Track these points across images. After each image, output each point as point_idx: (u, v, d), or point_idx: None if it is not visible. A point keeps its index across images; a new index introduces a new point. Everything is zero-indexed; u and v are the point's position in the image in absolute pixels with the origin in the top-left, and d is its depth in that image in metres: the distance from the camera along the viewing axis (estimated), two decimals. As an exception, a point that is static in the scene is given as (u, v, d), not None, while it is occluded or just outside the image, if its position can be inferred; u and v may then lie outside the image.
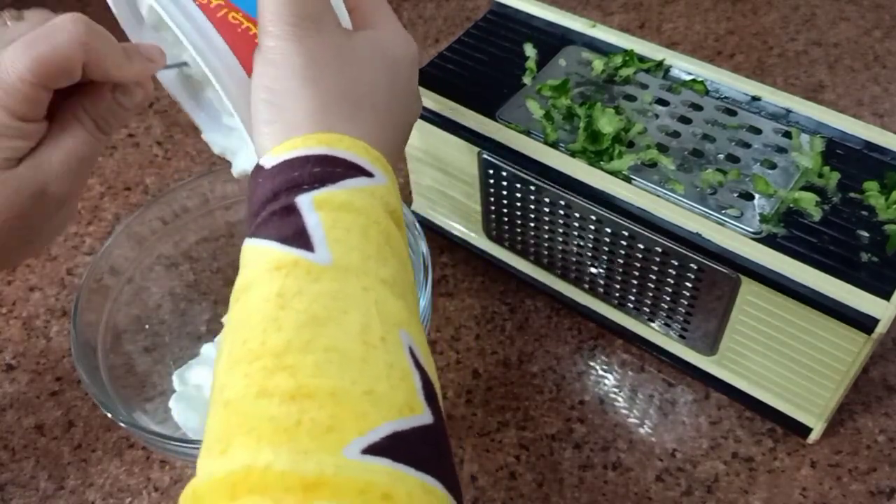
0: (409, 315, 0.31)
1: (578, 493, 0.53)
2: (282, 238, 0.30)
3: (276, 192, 0.32)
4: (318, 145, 0.32)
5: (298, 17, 0.34)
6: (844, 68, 0.80)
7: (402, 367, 0.29)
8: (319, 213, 0.31)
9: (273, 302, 0.29)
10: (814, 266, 0.45)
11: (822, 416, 0.52)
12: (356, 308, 0.29)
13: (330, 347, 0.28)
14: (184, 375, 0.56)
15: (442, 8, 0.91)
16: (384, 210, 0.33)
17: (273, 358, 0.27)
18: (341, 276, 0.30)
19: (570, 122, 0.54)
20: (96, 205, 0.74)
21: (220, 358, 0.30)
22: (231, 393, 0.28)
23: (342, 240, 0.30)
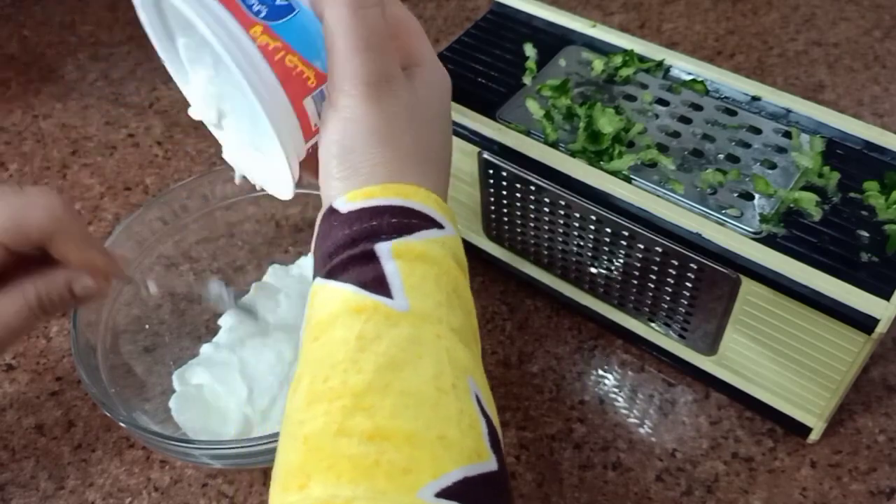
0: (475, 363, 0.33)
1: (578, 493, 0.53)
2: (361, 283, 0.32)
3: (354, 238, 0.33)
4: (395, 196, 0.34)
5: (374, 78, 0.34)
6: (844, 68, 0.80)
7: (471, 413, 0.30)
8: (398, 262, 0.32)
9: (353, 344, 0.30)
10: (814, 266, 0.45)
11: (822, 416, 0.52)
12: (430, 354, 0.30)
13: (406, 391, 0.29)
14: (184, 375, 0.56)
15: (442, 8, 0.91)
16: (453, 260, 0.34)
17: (353, 398, 0.29)
18: (417, 322, 0.31)
19: (570, 122, 0.54)
20: (96, 205, 0.74)
21: (296, 393, 0.31)
22: (310, 429, 0.29)
23: (418, 287, 0.32)
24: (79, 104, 0.84)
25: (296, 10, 0.35)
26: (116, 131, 0.81)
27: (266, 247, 0.65)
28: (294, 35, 0.35)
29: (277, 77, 0.34)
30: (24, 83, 0.87)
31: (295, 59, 0.34)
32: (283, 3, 0.35)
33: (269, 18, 0.34)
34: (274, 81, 0.34)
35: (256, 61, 0.33)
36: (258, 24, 0.34)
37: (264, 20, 0.34)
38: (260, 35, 0.34)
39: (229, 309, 0.56)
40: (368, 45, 0.34)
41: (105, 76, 0.86)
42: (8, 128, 0.82)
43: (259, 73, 0.33)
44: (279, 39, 0.34)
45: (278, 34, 0.34)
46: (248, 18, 0.34)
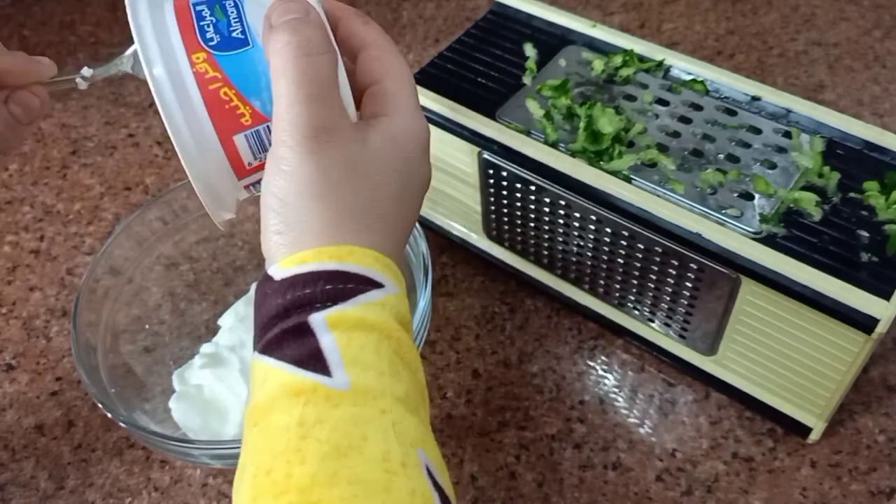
0: (424, 430, 0.32)
1: (578, 493, 0.53)
2: (297, 361, 0.30)
3: (287, 308, 0.31)
4: (329, 260, 0.32)
5: (314, 130, 0.33)
6: (844, 68, 0.80)
7: (424, 491, 0.29)
8: (334, 334, 0.30)
9: (294, 431, 0.29)
10: (814, 266, 0.45)
11: (822, 416, 0.52)
12: (375, 433, 0.29)
13: (354, 480, 0.28)
14: (184, 375, 0.56)
15: (442, 8, 0.91)
16: (395, 320, 0.33)
17: (299, 493, 0.27)
18: (360, 399, 0.30)
19: (570, 122, 0.54)
20: (96, 205, 0.74)
21: (242, 483, 0.29)
22: None
23: (357, 360, 0.30)
24: (79, 104, 0.84)
25: (249, 46, 0.34)
26: (116, 131, 0.81)
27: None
28: (237, 69, 0.34)
29: (206, 106, 0.33)
30: (24, 83, 0.86)
31: (231, 93, 0.34)
32: (238, 37, 0.34)
33: (216, 49, 0.34)
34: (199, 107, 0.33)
35: (187, 85, 0.33)
36: (203, 50, 0.33)
37: (211, 49, 0.34)
38: (200, 62, 0.33)
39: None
40: (310, 95, 0.33)
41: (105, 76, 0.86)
42: (8, 128, 0.82)
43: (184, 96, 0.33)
44: (219, 70, 0.34)
45: (220, 65, 0.34)
46: (196, 43, 0.34)
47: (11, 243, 0.72)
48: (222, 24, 0.34)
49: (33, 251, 0.71)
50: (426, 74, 0.59)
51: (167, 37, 0.33)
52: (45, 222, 0.73)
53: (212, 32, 0.34)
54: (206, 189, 0.36)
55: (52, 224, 0.73)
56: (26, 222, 0.73)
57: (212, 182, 0.36)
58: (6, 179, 0.77)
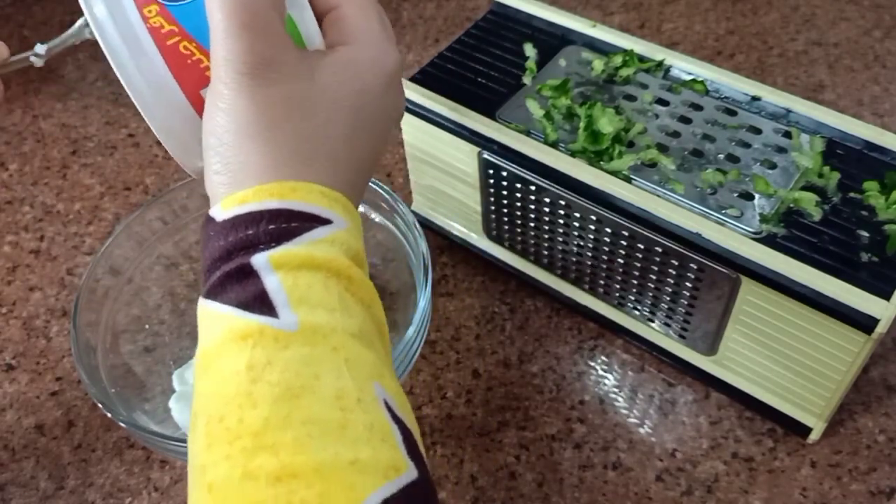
0: (381, 364, 0.30)
1: (578, 493, 0.53)
2: (242, 304, 0.29)
3: (229, 250, 0.30)
4: (270, 198, 0.31)
5: (250, 66, 0.31)
6: (844, 68, 0.80)
7: (382, 425, 0.28)
8: (278, 274, 0.29)
9: (244, 375, 0.28)
10: (814, 266, 0.45)
11: (822, 416, 0.52)
12: (328, 371, 0.28)
13: (308, 419, 0.27)
14: (184, 375, 0.56)
15: (442, 8, 0.91)
16: (346, 256, 0.31)
17: (252, 437, 0.27)
18: (309, 338, 0.29)
19: (570, 122, 0.54)
20: (96, 205, 0.74)
21: (195, 432, 0.29)
22: (213, 476, 0.27)
23: (305, 299, 0.29)
24: (79, 104, 0.84)
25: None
26: (116, 131, 0.81)
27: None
28: (193, 20, 0.32)
29: (168, 63, 0.31)
30: (24, 83, 0.87)
31: (192, 46, 0.32)
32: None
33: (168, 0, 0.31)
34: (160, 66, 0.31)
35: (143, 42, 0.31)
36: (155, 2, 0.31)
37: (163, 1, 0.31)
38: (154, 16, 0.31)
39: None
40: (244, 25, 0.31)
41: (105, 76, 0.86)
42: (8, 128, 0.82)
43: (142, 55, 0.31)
44: (175, 23, 0.31)
45: (175, 17, 0.31)
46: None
47: (11, 243, 0.72)
48: None
49: (33, 251, 0.71)
50: (426, 74, 0.59)
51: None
52: (45, 222, 0.73)
53: None
54: (177, 144, 0.34)
55: (52, 224, 0.73)
56: (26, 222, 0.73)
57: (183, 137, 0.34)
58: (6, 179, 0.77)
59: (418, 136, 0.59)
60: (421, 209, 0.67)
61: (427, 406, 0.58)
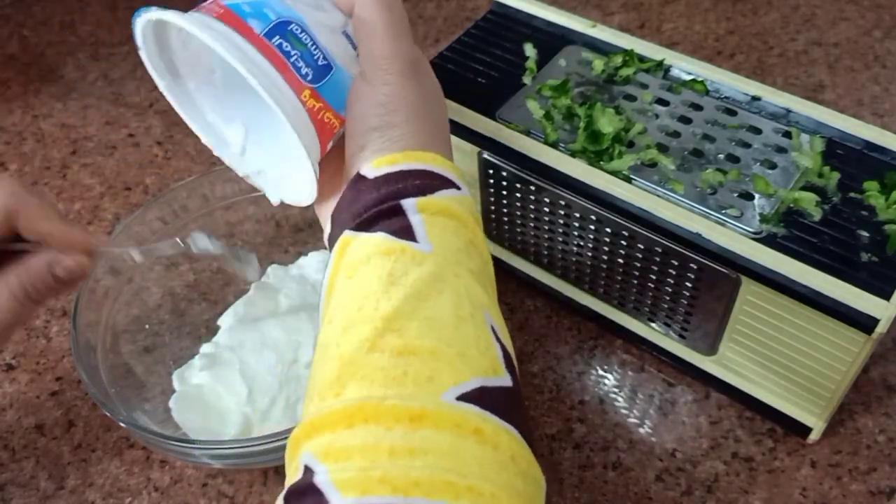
0: (491, 301, 0.36)
1: (578, 492, 0.53)
2: (391, 231, 0.35)
3: (382, 199, 0.36)
4: (416, 161, 0.37)
5: (411, 62, 0.39)
6: (844, 68, 0.80)
7: (487, 339, 0.34)
8: (422, 215, 0.36)
9: (385, 279, 0.34)
10: (814, 266, 0.45)
11: (822, 416, 0.52)
12: (450, 288, 0.34)
13: (430, 317, 0.33)
14: (184, 375, 0.56)
15: (442, 8, 0.91)
16: (471, 215, 0.38)
17: (384, 321, 0.32)
18: (439, 262, 0.35)
19: (570, 122, 0.54)
20: (96, 205, 0.74)
21: (332, 323, 0.34)
22: (346, 348, 0.32)
23: (440, 235, 0.36)
24: (79, 104, 0.84)
25: (333, 69, 0.39)
26: (116, 131, 0.81)
27: (266, 247, 0.65)
28: (331, 93, 0.39)
29: (315, 128, 0.38)
30: (24, 83, 0.87)
31: (330, 114, 0.39)
32: (323, 63, 0.38)
33: (314, 81, 0.38)
34: (314, 137, 0.38)
35: (306, 123, 0.37)
36: (307, 88, 0.37)
37: (310, 83, 0.38)
38: (309, 98, 0.37)
39: (219, 254, 0.54)
40: (399, 33, 0.39)
41: (105, 76, 0.86)
42: (8, 128, 0.82)
43: (307, 132, 0.38)
44: (322, 100, 0.38)
45: (322, 96, 0.38)
46: (299, 83, 0.37)
47: (11, 243, 0.72)
48: (307, 56, 0.38)
49: (33, 251, 0.71)
50: (426, 74, 0.59)
51: (281, 90, 0.37)
52: (45, 222, 0.73)
53: (304, 66, 0.38)
54: (316, 176, 0.40)
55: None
56: (26, 222, 0.73)
57: (316, 172, 0.40)
58: (6, 179, 0.77)
59: (418, 136, 0.59)
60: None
61: (427, 406, 0.58)
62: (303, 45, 0.38)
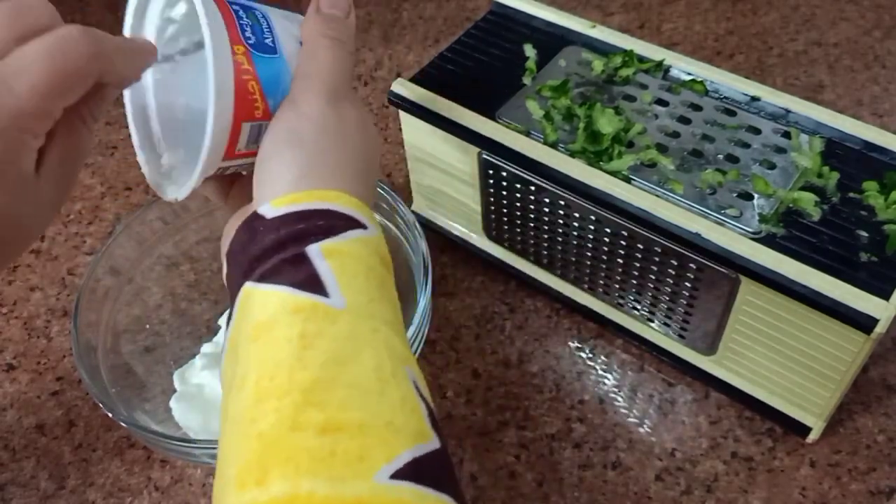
0: (409, 353, 0.35)
1: (578, 492, 0.53)
2: (296, 284, 0.33)
3: (282, 241, 0.34)
4: (319, 200, 0.36)
5: (343, 89, 0.40)
6: (844, 68, 0.80)
7: (411, 399, 0.32)
8: (329, 261, 0.34)
9: (296, 343, 0.31)
10: (813, 266, 0.45)
11: (822, 416, 0.52)
12: (369, 347, 0.32)
13: (351, 384, 0.31)
14: (184, 375, 0.57)
15: (442, 8, 0.92)
16: (378, 258, 0.36)
17: (302, 394, 0.30)
18: (354, 318, 0.33)
19: (570, 123, 0.54)
20: (97, 205, 0.74)
21: (242, 391, 0.31)
22: (264, 425, 0.30)
23: (351, 285, 0.34)
24: (79, 104, 0.84)
25: (276, 55, 0.39)
26: (117, 131, 0.81)
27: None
28: (265, 70, 0.38)
29: (235, 87, 0.37)
30: (24, 83, 0.86)
31: (256, 86, 0.38)
32: (270, 45, 0.39)
33: (253, 48, 0.38)
34: (230, 90, 0.37)
35: (227, 66, 0.37)
36: (243, 45, 0.38)
37: (250, 46, 0.38)
38: (240, 54, 0.37)
39: None
40: (346, 57, 0.40)
41: (105, 76, 0.86)
42: (8, 128, 0.82)
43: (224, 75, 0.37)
44: (252, 66, 0.38)
45: (254, 62, 0.38)
46: (238, 37, 0.38)
47: (12, 243, 0.72)
48: (257, 29, 0.39)
49: (34, 251, 0.71)
50: (426, 74, 0.59)
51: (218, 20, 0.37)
52: (45, 222, 0.73)
53: (249, 32, 0.38)
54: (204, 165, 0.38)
55: (52, 224, 0.73)
56: (27, 222, 0.73)
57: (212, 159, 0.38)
58: (7, 179, 0.77)
59: (418, 136, 0.60)
60: (421, 209, 0.67)
61: (427, 406, 0.58)
62: (257, 21, 0.39)
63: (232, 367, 0.33)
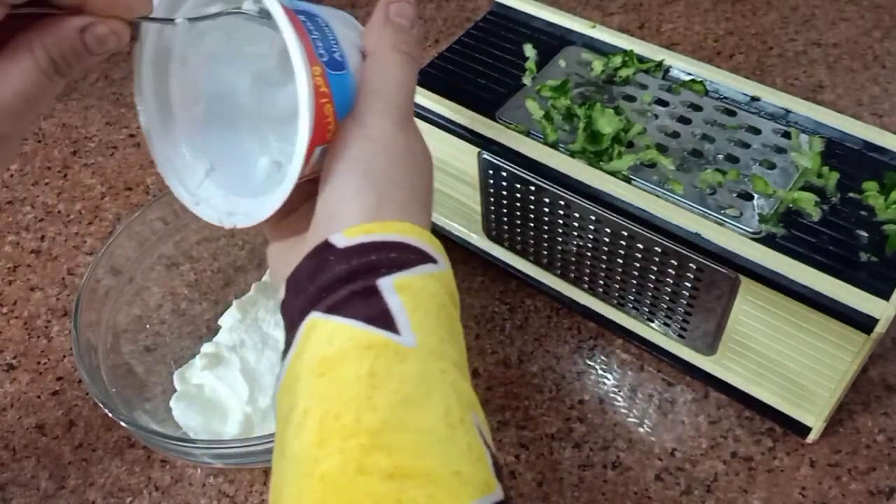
0: (474, 396, 0.33)
1: (578, 492, 0.53)
2: (367, 318, 0.32)
3: (353, 272, 0.33)
4: (392, 232, 0.34)
5: (409, 117, 0.37)
6: (844, 68, 0.80)
7: (478, 447, 0.31)
8: (401, 296, 0.32)
9: (365, 381, 0.30)
10: (813, 266, 0.45)
11: (822, 416, 0.52)
12: (438, 390, 0.31)
13: (421, 429, 0.29)
14: (184, 375, 0.57)
15: (442, 8, 0.92)
16: (447, 295, 0.35)
17: (369, 436, 0.29)
18: (424, 358, 0.31)
19: (570, 123, 0.54)
20: (97, 205, 0.74)
21: (303, 428, 0.30)
22: (326, 467, 0.28)
23: (422, 323, 0.32)
24: (80, 104, 0.84)
25: (346, 70, 0.36)
26: (117, 131, 0.81)
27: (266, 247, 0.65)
28: (338, 89, 0.36)
29: (314, 111, 0.34)
30: (24, 83, 0.87)
31: (331, 109, 0.35)
32: (339, 59, 0.36)
33: (327, 65, 0.35)
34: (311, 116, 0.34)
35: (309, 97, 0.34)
36: (319, 65, 0.35)
37: (324, 65, 0.35)
38: (317, 75, 0.35)
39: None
40: (412, 82, 0.38)
41: (106, 76, 0.87)
42: (9, 128, 0.82)
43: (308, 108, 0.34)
44: (328, 87, 0.35)
45: (329, 83, 0.35)
46: (314, 55, 0.35)
47: (12, 243, 0.72)
48: (327, 44, 0.36)
49: (34, 251, 0.71)
50: (426, 75, 0.59)
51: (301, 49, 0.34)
52: (45, 222, 0.73)
53: (322, 48, 0.35)
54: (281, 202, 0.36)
55: (52, 224, 0.73)
56: (27, 222, 0.73)
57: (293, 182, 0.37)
58: (7, 179, 0.77)
59: (418, 136, 0.60)
60: (421, 209, 0.67)
61: (427, 406, 0.58)
62: (323, 33, 0.36)
63: (290, 400, 0.31)
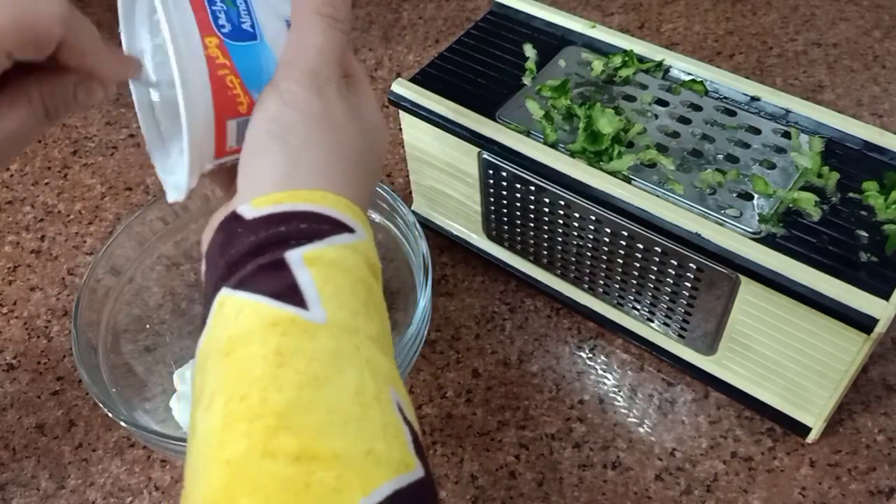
0: (394, 371, 0.32)
1: (578, 492, 0.53)
2: (273, 294, 0.30)
3: (260, 245, 0.31)
4: (302, 202, 0.33)
5: (325, 81, 0.35)
6: (844, 68, 0.80)
7: (395, 425, 0.29)
8: (310, 270, 0.31)
9: (272, 360, 0.29)
10: (813, 266, 0.45)
11: (822, 416, 0.52)
12: (351, 367, 0.30)
13: (330, 408, 0.28)
14: (184, 375, 0.57)
15: (442, 8, 0.92)
16: (366, 265, 0.33)
17: (276, 418, 0.27)
18: (335, 334, 0.30)
19: (570, 123, 0.54)
20: (97, 205, 0.74)
21: (209, 411, 0.29)
22: (233, 451, 0.27)
23: (333, 297, 0.31)
24: (79, 104, 0.84)
25: (257, 40, 0.36)
26: (117, 131, 0.81)
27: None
28: (244, 61, 0.35)
29: (211, 85, 0.34)
30: (24, 83, 0.87)
31: (236, 81, 0.35)
32: (248, 30, 0.36)
33: (228, 37, 0.35)
34: (205, 87, 0.34)
35: (198, 64, 0.34)
36: (216, 35, 0.35)
37: (224, 36, 0.35)
38: (212, 46, 0.34)
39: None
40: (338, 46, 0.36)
41: (106, 76, 0.86)
42: (9, 128, 0.82)
43: (195, 74, 0.34)
44: (228, 58, 0.35)
45: (230, 54, 0.35)
46: (209, 27, 0.35)
47: (12, 243, 0.72)
48: (233, 14, 0.35)
49: (34, 251, 0.71)
50: (426, 74, 0.59)
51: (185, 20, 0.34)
52: (45, 222, 0.73)
53: (223, 20, 0.35)
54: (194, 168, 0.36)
55: (52, 224, 0.73)
56: (27, 222, 0.73)
57: (200, 161, 0.37)
58: (7, 179, 0.77)
59: (418, 136, 0.60)
60: (421, 209, 0.67)
61: (427, 405, 0.58)
62: (234, 5, 0.36)
63: (201, 379, 0.31)
